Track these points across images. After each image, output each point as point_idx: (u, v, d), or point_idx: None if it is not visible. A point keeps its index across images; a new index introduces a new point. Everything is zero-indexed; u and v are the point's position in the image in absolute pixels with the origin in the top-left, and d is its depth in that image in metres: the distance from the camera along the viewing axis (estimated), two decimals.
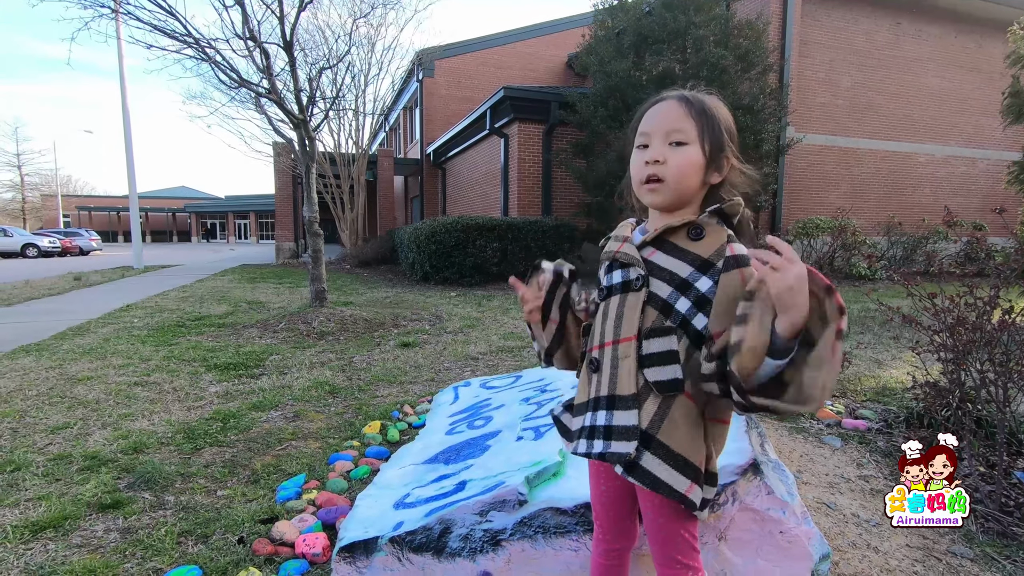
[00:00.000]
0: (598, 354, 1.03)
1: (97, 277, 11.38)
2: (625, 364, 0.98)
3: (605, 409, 1.00)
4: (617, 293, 1.03)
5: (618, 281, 1.03)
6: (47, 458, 2.48)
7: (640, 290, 0.99)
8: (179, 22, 5.38)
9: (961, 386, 2.47)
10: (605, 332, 1.03)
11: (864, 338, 4.87)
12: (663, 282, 0.98)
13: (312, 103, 6.43)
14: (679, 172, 0.99)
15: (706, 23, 8.35)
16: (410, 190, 21.53)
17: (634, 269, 1.01)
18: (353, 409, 3.17)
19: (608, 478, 1.11)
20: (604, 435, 0.99)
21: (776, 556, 1.38)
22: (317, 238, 6.16)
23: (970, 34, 11.96)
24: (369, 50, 13.73)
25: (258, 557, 1.73)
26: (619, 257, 1.04)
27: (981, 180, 12.53)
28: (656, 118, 1.02)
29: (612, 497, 1.13)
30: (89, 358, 4.31)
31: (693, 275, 0.95)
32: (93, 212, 48.52)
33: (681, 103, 1.01)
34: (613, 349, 1.01)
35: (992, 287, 2.36)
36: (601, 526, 1.16)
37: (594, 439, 1.01)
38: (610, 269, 1.06)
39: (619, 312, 1.01)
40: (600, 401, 1.01)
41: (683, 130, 0.99)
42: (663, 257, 0.99)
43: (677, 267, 0.97)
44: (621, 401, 0.98)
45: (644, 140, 1.03)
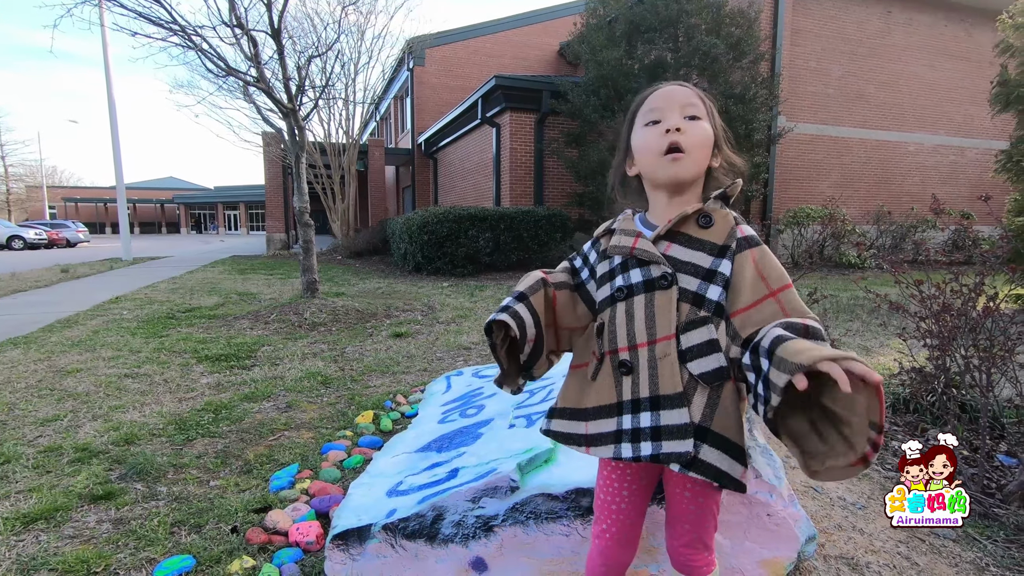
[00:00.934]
0: (629, 356, 1.00)
1: (85, 269, 11.25)
2: (666, 363, 0.96)
3: (649, 411, 0.97)
4: (640, 292, 1.00)
5: (638, 280, 1.01)
6: (37, 450, 2.46)
7: (670, 288, 0.97)
8: (164, 9, 5.29)
9: (946, 372, 2.52)
10: (635, 333, 1.00)
11: (853, 325, 4.92)
12: (689, 275, 0.98)
13: (301, 92, 6.35)
14: (699, 142, 1.01)
15: (698, 11, 8.32)
16: (401, 180, 21.41)
17: (656, 267, 0.99)
18: (346, 399, 3.17)
19: (635, 479, 1.08)
20: (652, 436, 0.96)
21: (764, 538, 1.41)
22: (308, 229, 6.12)
23: (960, 23, 12.00)
24: (359, 38, 13.58)
25: (252, 546, 1.73)
26: (637, 255, 1.02)
27: (970, 169, 12.64)
28: (667, 95, 1.03)
29: (634, 499, 1.09)
30: (78, 350, 4.28)
31: (715, 263, 0.97)
32: (80, 203, 47.85)
33: (685, 85, 1.04)
34: (649, 350, 0.98)
35: (977, 274, 2.39)
36: (608, 530, 1.11)
37: (640, 442, 0.97)
38: (625, 267, 1.04)
39: (648, 312, 0.99)
40: (641, 403, 0.98)
41: (696, 105, 1.02)
42: (681, 250, 0.99)
43: (698, 258, 0.98)
44: (667, 401, 0.95)
45: (655, 116, 1.02)
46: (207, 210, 50.36)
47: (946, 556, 1.67)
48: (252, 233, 44.61)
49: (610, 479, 1.10)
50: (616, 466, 1.09)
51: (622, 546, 1.10)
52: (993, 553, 1.69)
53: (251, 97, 6.94)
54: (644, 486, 1.10)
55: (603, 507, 1.11)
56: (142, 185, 54.04)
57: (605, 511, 1.11)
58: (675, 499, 1.08)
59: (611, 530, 1.10)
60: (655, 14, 8.42)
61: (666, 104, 1.02)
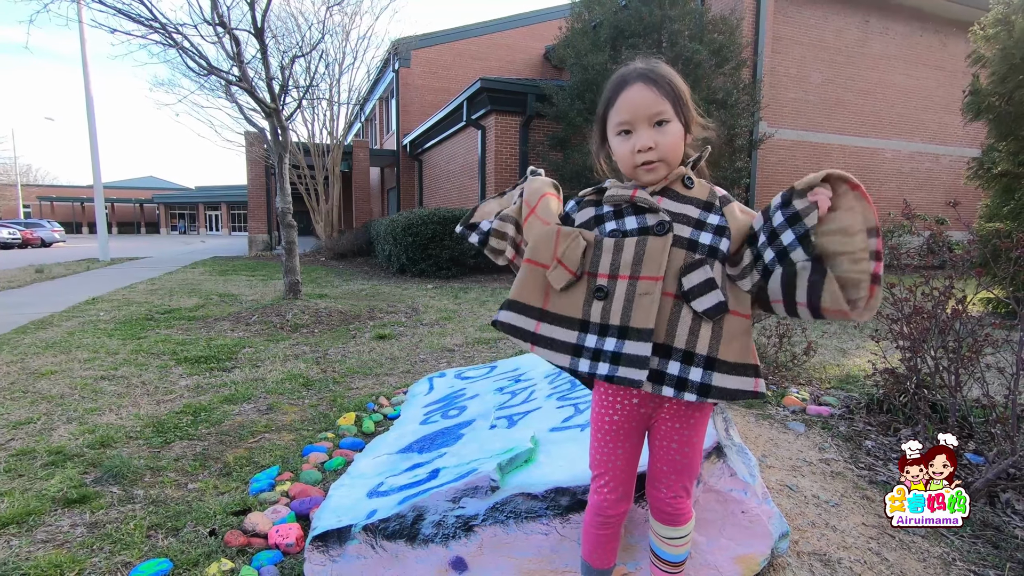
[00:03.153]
0: (607, 283, 1.09)
1: (61, 269, 11.01)
2: (645, 300, 1.05)
3: (616, 337, 1.07)
4: (634, 236, 1.09)
5: (633, 227, 1.10)
6: (9, 454, 2.41)
7: (665, 235, 1.07)
8: (144, 6, 5.23)
9: (917, 373, 2.58)
10: (619, 265, 1.09)
11: (830, 328, 5.02)
12: (682, 224, 1.08)
13: (284, 92, 6.31)
14: (670, 149, 1.09)
15: (681, 17, 8.43)
16: (386, 182, 21.30)
17: (652, 215, 1.09)
18: (327, 401, 3.15)
19: (628, 433, 1.17)
20: (611, 360, 1.06)
21: (738, 535, 1.44)
22: (291, 230, 6.07)
23: (935, 33, 12.31)
24: (344, 39, 13.50)
25: (230, 548, 1.72)
26: (637, 202, 1.10)
27: (944, 176, 12.95)
28: (634, 105, 1.08)
29: (627, 454, 1.17)
30: (52, 352, 4.19)
31: (702, 214, 1.09)
32: (56, 202, 46.77)
33: (649, 85, 1.08)
34: (630, 284, 1.07)
35: (946, 278, 2.46)
36: (608, 483, 1.18)
37: (599, 361, 1.08)
38: (620, 215, 1.12)
39: (638, 252, 1.07)
40: (609, 328, 1.08)
41: (662, 111, 1.08)
42: (672, 204, 1.10)
43: (688, 210, 1.10)
44: (635, 333, 1.05)
45: (626, 127, 1.10)
46: (188, 210, 49.59)
47: (915, 552, 1.72)
48: (234, 234, 44.01)
49: (606, 437, 1.18)
50: (611, 424, 1.17)
51: (619, 498, 1.19)
52: (960, 548, 1.74)
53: (233, 96, 6.87)
54: (635, 442, 1.19)
55: (600, 463, 1.20)
56: (121, 184, 52.96)
57: (602, 466, 1.19)
58: (662, 451, 1.17)
59: (610, 484, 1.18)
60: (639, 20, 8.51)
61: (634, 116, 1.08)
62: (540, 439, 1.75)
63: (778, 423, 2.74)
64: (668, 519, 1.19)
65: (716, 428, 1.60)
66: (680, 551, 1.21)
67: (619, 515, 1.20)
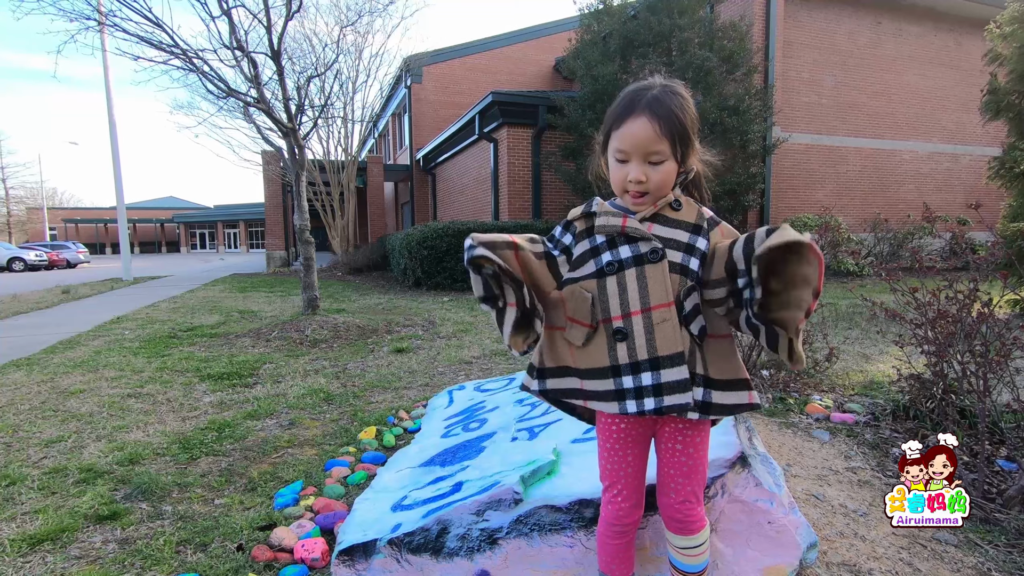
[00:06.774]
0: (623, 324, 1.11)
1: (86, 290, 11.29)
2: (665, 327, 1.08)
3: (650, 371, 1.09)
4: (630, 267, 1.11)
5: (628, 256, 1.12)
6: (42, 472, 2.47)
7: (660, 261, 1.10)
8: (166, 33, 5.39)
9: (944, 378, 2.53)
10: (628, 303, 1.11)
11: (852, 333, 4.94)
12: (672, 249, 1.11)
13: (301, 111, 6.44)
14: (660, 184, 1.12)
15: (690, 25, 8.46)
16: (400, 196, 21.54)
17: (646, 243, 1.11)
18: (348, 415, 3.18)
19: (635, 442, 1.19)
20: (654, 392, 1.09)
21: (765, 546, 1.42)
22: (308, 246, 6.17)
23: (949, 32, 12.18)
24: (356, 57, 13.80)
25: (257, 563, 1.74)
26: (629, 232, 1.12)
27: (964, 176, 12.74)
28: (633, 139, 1.11)
29: (637, 461, 1.20)
30: (81, 371, 4.29)
31: (691, 238, 1.13)
32: (80, 224, 48.07)
33: (653, 121, 1.09)
34: (644, 317, 1.09)
35: (971, 280, 2.42)
36: (621, 492, 1.21)
37: (644, 398, 1.10)
38: (612, 244, 1.14)
39: (641, 283, 1.10)
40: (641, 365, 1.10)
41: (659, 151, 1.10)
42: (663, 229, 1.13)
43: (677, 235, 1.13)
44: (667, 360, 1.08)
45: (623, 156, 1.13)
46: (207, 228, 50.55)
47: (948, 561, 1.68)
48: (252, 251, 44.71)
49: (615, 447, 1.20)
50: (619, 432, 1.19)
51: (633, 505, 1.21)
52: (995, 558, 1.70)
53: (251, 117, 7.04)
54: (643, 450, 1.22)
55: (612, 473, 1.22)
56: (142, 205, 54.32)
57: (613, 476, 1.21)
58: (668, 457, 1.19)
59: (623, 492, 1.21)
60: (648, 29, 8.56)
61: (632, 148, 1.11)
62: (562, 451, 1.75)
63: (802, 431, 2.70)
64: (680, 528, 1.20)
65: (740, 437, 1.59)
66: (697, 561, 1.21)
67: (634, 522, 1.23)
